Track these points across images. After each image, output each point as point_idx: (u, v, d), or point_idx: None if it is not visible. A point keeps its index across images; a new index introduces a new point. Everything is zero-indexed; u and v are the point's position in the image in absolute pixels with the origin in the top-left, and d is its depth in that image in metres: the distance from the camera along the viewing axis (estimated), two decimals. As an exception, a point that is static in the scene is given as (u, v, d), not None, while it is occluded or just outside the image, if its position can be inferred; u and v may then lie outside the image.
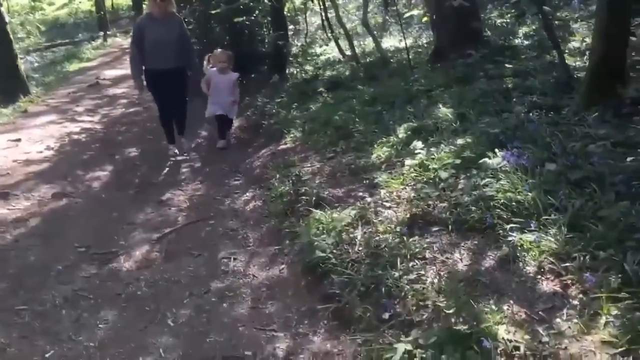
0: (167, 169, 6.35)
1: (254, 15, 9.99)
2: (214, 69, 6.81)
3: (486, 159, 3.74)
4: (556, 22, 7.11)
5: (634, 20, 7.10)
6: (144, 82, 6.43)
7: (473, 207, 3.37)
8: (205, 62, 7.09)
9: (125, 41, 19.63)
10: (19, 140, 7.68)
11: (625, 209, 2.84)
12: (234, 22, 9.32)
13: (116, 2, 27.23)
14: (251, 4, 9.53)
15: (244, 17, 9.34)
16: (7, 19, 10.50)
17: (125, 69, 13.87)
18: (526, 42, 7.57)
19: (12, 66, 10.28)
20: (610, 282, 2.43)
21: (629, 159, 3.31)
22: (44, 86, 12.17)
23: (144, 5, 24.56)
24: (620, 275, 2.45)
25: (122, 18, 25.44)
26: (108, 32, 20.24)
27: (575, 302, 2.48)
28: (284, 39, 9.71)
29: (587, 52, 5.95)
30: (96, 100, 10.70)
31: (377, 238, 3.48)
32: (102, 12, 20.63)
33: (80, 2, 25.58)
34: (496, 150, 3.85)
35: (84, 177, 6.21)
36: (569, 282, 2.59)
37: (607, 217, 2.84)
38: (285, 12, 10.99)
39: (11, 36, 10.49)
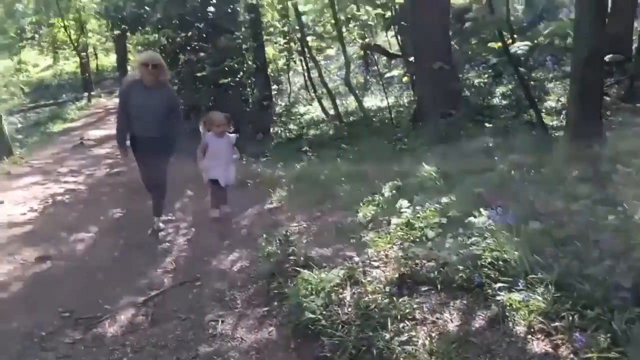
0: (151, 229, 6.32)
1: (239, 76, 10.22)
2: (211, 133, 6.31)
3: (472, 218, 3.80)
4: (532, 82, 7.37)
5: (608, 80, 7.41)
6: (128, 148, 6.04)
7: (461, 266, 3.40)
8: (201, 127, 6.59)
9: (109, 102, 19.86)
10: (1, 202, 7.62)
11: (609, 267, 2.89)
12: (220, 84, 9.53)
13: (100, 63, 27.60)
14: (236, 65, 9.76)
15: (229, 79, 9.56)
16: (-8, 81, 10.59)
17: (109, 129, 14.00)
18: (504, 102, 7.82)
19: (-5, 127, 10.32)
20: (600, 341, 2.45)
21: (610, 217, 3.39)
22: (28, 147, 12.18)
23: (128, 67, 25.07)
24: (609, 335, 2.48)
25: (107, 79, 25.79)
26: (92, 93, 20.45)
27: (566, 362, 2.49)
28: (269, 99, 9.91)
29: (564, 112, 6.17)
30: (80, 161, 10.71)
31: (366, 299, 3.48)
32: (87, 74, 20.89)
33: (64, 64, 25.90)
34: (481, 209, 3.92)
35: (68, 239, 6.14)
36: (559, 341, 2.61)
37: (592, 276, 2.89)
38: (268, 73, 11.27)
39: (-4, 98, 10.57)
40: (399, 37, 11.21)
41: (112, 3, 12.23)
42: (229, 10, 9.98)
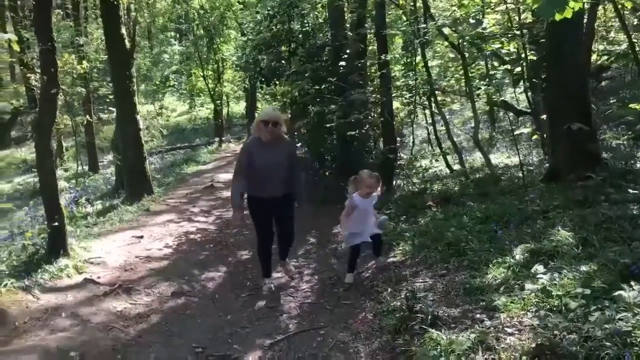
0: (278, 273, 6.51)
1: (365, 128, 10.43)
2: (357, 194, 5.87)
3: (621, 292, 3.55)
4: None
5: None
6: (244, 211, 5.89)
7: (608, 343, 3.17)
8: (350, 188, 6.06)
9: (237, 147, 20.97)
10: (141, 237, 8.24)
11: None
12: (346, 135, 9.78)
13: (231, 110, 29.37)
14: (362, 118, 9.97)
15: (356, 131, 9.78)
16: (141, 125, 11.61)
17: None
18: (649, 166, 7.31)
19: (140, 168, 11.23)
20: None
21: None
22: (165, 186, 13.11)
23: (256, 114, 26.47)
24: None
25: (236, 125, 27.33)
26: (223, 138, 21.71)
27: None
28: (393, 152, 9.98)
29: None
30: (210, 202, 11.35)
31: (504, 367, 3.34)
32: (220, 120, 22.28)
33: (199, 110, 27.85)
34: (631, 282, 3.66)
35: (200, 276, 6.50)
36: None
37: None
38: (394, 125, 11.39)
39: (143, 141, 11.54)
40: (528, 94, 10.91)
41: (250, 57, 13.04)
42: (359, 65, 10.28)
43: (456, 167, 10.60)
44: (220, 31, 21.16)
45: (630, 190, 6.10)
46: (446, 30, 10.03)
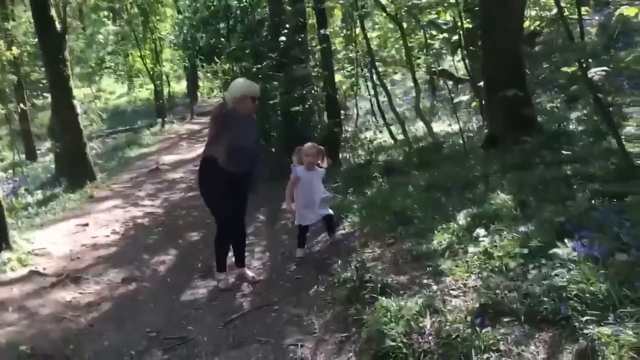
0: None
1: (309, 103, 10.46)
2: (301, 167, 5.90)
3: (556, 249, 3.75)
4: (610, 107, 7.18)
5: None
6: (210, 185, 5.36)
7: (545, 298, 3.36)
8: (294, 161, 6.05)
9: (182, 127, 20.62)
10: (86, 225, 8.07)
11: None
12: (290, 111, 9.78)
13: (172, 90, 28.74)
14: (305, 92, 9.98)
15: (300, 106, 9.79)
16: (78, 109, 11.26)
17: (182, 154, 14.55)
18: (580, 128, 7.63)
19: (81, 154, 10.93)
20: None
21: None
22: (108, 172, 12.81)
23: (198, 93, 26.00)
24: None
25: (178, 105, 26.80)
26: (165, 119, 21.27)
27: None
28: (337, 125, 10.06)
29: (646, 139, 5.98)
30: (157, 185, 11.18)
31: (447, 328, 3.48)
32: (160, 100, 21.78)
33: (139, 91, 27.14)
34: (564, 240, 3.86)
35: (150, 261, 6.44)
36: (655, 378, 2.54)
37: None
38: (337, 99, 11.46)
39: (81, 126, 11.21)
40: (466, 62, 11.14)
41: (188, 35, 12.78)
42: (300, 40, 10.25)
43: (400, 137, 10.78)
44: (155, 9, 20.55)
45: (564, 152, 6.38)
46: (383, 1, 10.10)
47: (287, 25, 10.17)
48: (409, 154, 9.16)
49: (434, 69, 13.83)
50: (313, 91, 10.68)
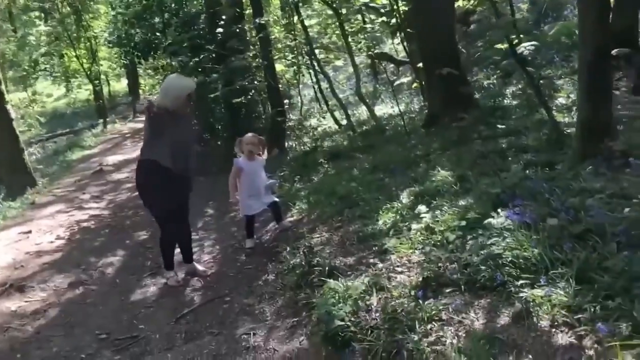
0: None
1: (251, 94, 10.42)
2: (242, 157, 5.93)
3: (490, 219, 3.89)
4: (541, 80, 7.44)
5: (616, 75, 7.46)
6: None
7: (483, 267, 3.49)
8: (236, 151, 6.04)
9: (124, 127, 20.19)
10: (29, 232, 7.84)
11: (627, 258, 2.98)
12: (232, 103, 9.72)
13: (113, 89, 28.05)
14: (246, 84, 9.94)
15: (242, 98, 9.75)
16: (13, 115, 10.88)
17: (126, 154, 14.28)
18: (515, 102, 7.88)
19: (19, 160, 10.58)
20: (622, 330, 2.54)
21: (626, 210, 3.47)
22: (49, 176, 12.45)
23: (140, 91, 25.46)
24: (630, 323, 2.56)
25: (120, 104, 26.20)
26: (107, 119, 20.78)
27: (591, 352, 2.58)
28: (281, 114, 10.07)
29: (574, 108, 6.23)
30: (101, 187, 10.95)
31: (392, 303, 3.58)
32: (100, 100, 21.24)
33: (78, 92, 26.37)
34: (499, 209, 4.01)
35: (97, 263, 6.32)
36: (583, 332, 2.69)
37: (611, 268, 2.97)
38: (280, 87, 11.45)
39: (17, 132, 10.84)
40: (405, 44, 11.31)
41: (122, 31, 12.48)
42: (237, 30, 10.17)
43: (344, 122, 10.88)
44: (88, 7, 19.95)
45: (499, 126, 6.59)
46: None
47: (224, 17, 10.06)
48: (353, 138, 9.28)
49: (370, 53, 13.95)
50: (255, 82, 10.65)
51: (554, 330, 2.82)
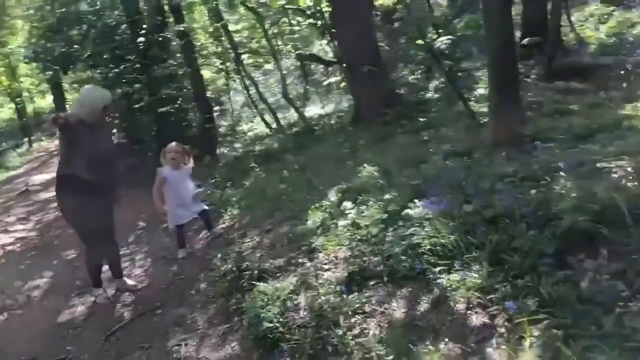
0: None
1: (178, 102, 10.27)
2: (167, 167, 5.81)
3: (408, 210, 4.00)
4: (459, 73, 7.69)
5: (528, 62, 7.80)
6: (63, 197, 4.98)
7: (403, 257, 3.58)
8: (162, 161, 5.95)
9: (52, 144, 19.48)
10: (-49, 259, 7.45)
11: (534, 238, 3.12)
12: (159, 112, 9.56)
13: (38, 106, 27.03)
14: (173, 92, 9.80)
15: (169, 106, 9.60)
16: None
17: (53, 172, 13.76)
18: (436, 95, 8.10)
19: None
20: (529, 306, 2.66)
21: (533, 191, 3.63)
22: (-29, 201, 11.87)
23: (67, 106, 24.61)
24: (537, 299, 2.69)
25: (45, 121, 25.25)
26: (32, 138, 20.01)
27: (502, 330, 2.69)
28: (211, 121, 9.98)
29: (489, 98, 6.46)
30: (27, 207, 10.52)
31: (319, 300, 3.62)
32: (24, 119, 20.44)
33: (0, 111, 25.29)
34: (416, 200, 4.12)
35: (23, 287, 6.08)
36: (495, 312, 2.80)
37: (520, 248, 3.11)
38: (209, 94, 11.34)
39: None
40: (332, 45, 11.42)
41: (39, 45, 12.05)
42: (160, 39, 10.01)
43: (275, 126, 10.89)
44: (2, 22, 19.15)
45: (421, 119, 6.77)
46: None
47: (145, 25, 9.88)
48: (283, 140, 9.30)
49: (301, 53, 14.00)
50: (183, 90, 10.51)
51: (469, 312, 2.93)
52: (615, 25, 8.90)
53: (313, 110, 12.22)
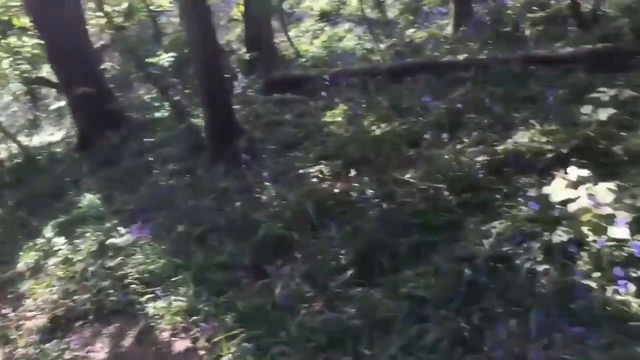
0: None
1: None
2: None
3: (112, 239, 3.76)
4: (187, 90, 7.65)
5: (249, 78, 8.06)
6: None
7: (111, 290, 3.34)
8: None
9: None
10: None
11: (234, 250, 3.13)
12: None
13: None
14: None
15: None
16: None
17: None
18: (166, 114, 7.88)
19: None
20: (227, 322, 2.63)
21: (237, 204, 3.68)
22: None
23: None
24: (234, 314, 2.68)
25: None
26: None
27: (203, 352, 2.62)
28: None
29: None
30: None
31: (18, 355, 3.18)
32: None
33: None
34: (119, 228, 3.91)
35: None
36: (197, 334, 2.73)
37: (223, 263, 3.10)
38: None
39: None
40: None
41: None
42: None
43: None
44: None
45: (147, 140, 6.52)
46: None
47: None
48: (2, 174, 8.23)
49: (27, 76, 12.66)
50: None
51: (173, 339, 2.81)
52: (327, 39, 9.73)
53: (42, 137, 11.09)
